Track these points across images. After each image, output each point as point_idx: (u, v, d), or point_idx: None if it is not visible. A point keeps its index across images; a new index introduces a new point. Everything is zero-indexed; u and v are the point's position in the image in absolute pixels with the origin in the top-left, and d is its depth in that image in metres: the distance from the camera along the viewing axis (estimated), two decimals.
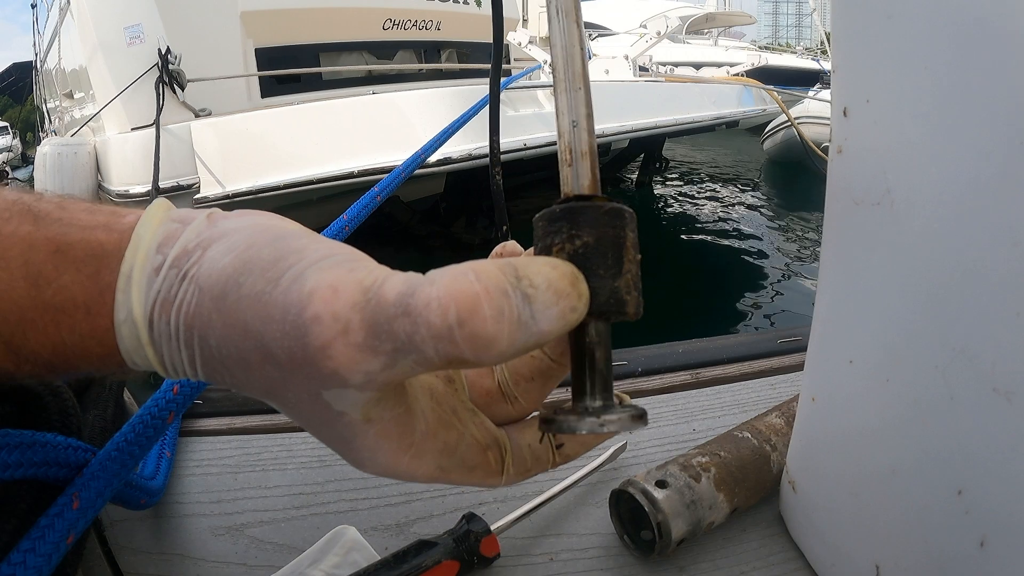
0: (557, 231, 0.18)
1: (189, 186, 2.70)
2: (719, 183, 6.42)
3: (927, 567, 0.29)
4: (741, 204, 5.55)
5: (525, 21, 4.77)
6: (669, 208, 5.34)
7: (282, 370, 0.16)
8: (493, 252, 0.24)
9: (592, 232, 0.18)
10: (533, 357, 0.24)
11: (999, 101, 0.23)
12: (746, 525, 0.41)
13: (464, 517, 0.38)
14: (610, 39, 7.97)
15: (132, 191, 2.81)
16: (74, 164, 3.04)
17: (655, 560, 0.38)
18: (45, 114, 6.31)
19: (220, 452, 0.47)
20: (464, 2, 4.27)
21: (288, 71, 3.56)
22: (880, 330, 0.30)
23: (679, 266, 3.93)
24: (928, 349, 0.27)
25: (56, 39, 4.51)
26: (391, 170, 0.92)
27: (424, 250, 3.48)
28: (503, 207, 0.80)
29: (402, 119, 2.51)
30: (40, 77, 6.41)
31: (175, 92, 2.92)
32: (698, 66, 10.13)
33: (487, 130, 0.79)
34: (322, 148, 2.53)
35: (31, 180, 4.36)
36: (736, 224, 4.83)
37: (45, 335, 0.18)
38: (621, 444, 0.46)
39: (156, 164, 2.60)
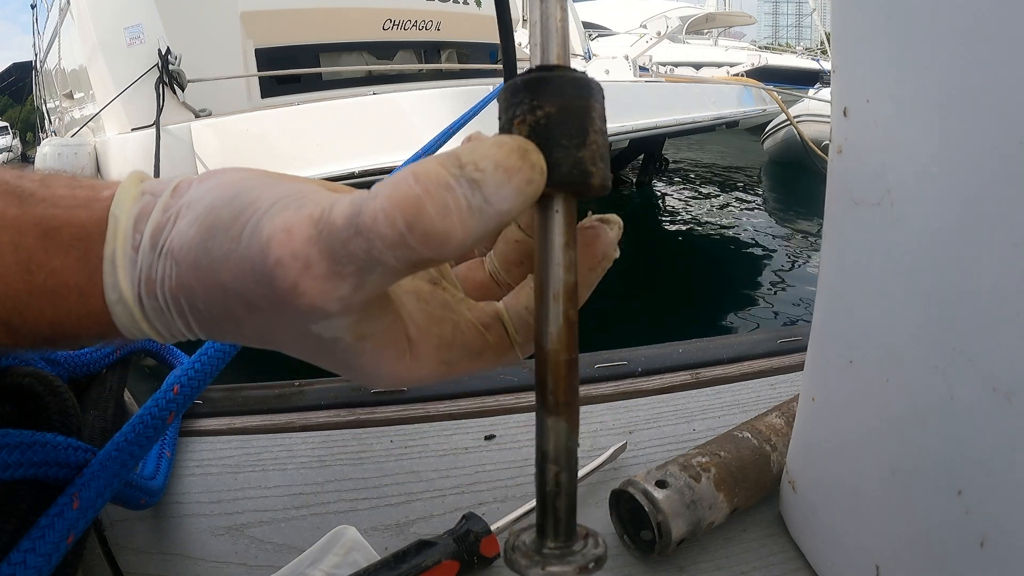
0: (519, 103, 0.17)
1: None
2: (719, 183, 6.42)
3: (927, 567, 0.29)
4: (741, 204, 5.55)
5: (525, 21, 4.77)
6: (669, 208, 5.34)
7: (268, 316, 0.17)
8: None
9: (555, 102, 0.17)
10: (518, 241, 0.24)
11: (999, 101, 0.23)
12: (746, 525, 0.41)
13: (464, 517, 0.38)
14: (610, 39, 7.97)
15: None
16: (74, 164, 3.04)
17: (655, 560, 0.38)
18: (45, 114, 6.32)
19: (220, 452, 0.47)
20: (464, 2, 4.27)
21: (288, 71, 3.56)
22: (880, 330, 0.30)
23: (679, 266, 3.93)
24: (928, 349, 0.27)
25: (56, 39, 4.51)
26: (391, 171, 0.91)
27: None
28: None
29: (402, 119, 2.51)
30: (40, 77, 6.42)
31: (175, 92, 2.92)
32: (698, 66, 10.13)
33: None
34: (322, 148, 2.53)
35: None
36: (736, 224, 4.83)
37: (42, 316, 0.19)
38: (621, 444, 0.46)
39: (156, 164, 2.60)
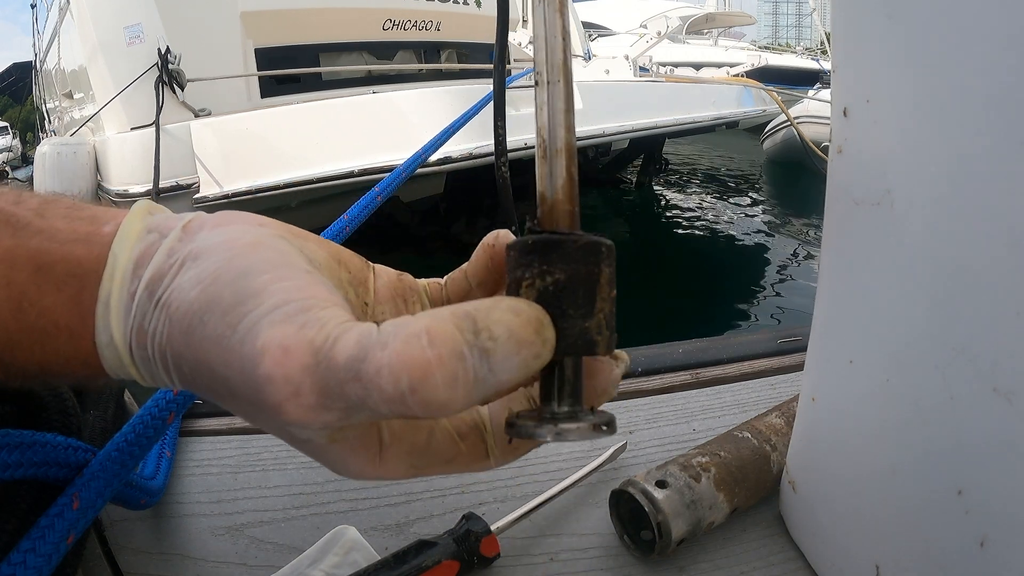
0: (528, 264, 0.17)
1: (188, 186, 2.70)
2: (719, 183, 6.42)
3: (927, 567, 0.29)
4: (741, 204, 5.55)
5: (525, 22, 4.77)
6: (669, 208, 5.34)
7: (249, 409, 0.17)
8: (482, 242, 0.23)
9: (564, 269, 0.17)
10: None
11: (999, 101, 0.23)
12: (746, 525, 0.41)
13: (464, 517, 0.38)
14: (610, 39, 7.97)
15: (131, 191, 2.81)
16: (73, 164, 3.04)
17: (655, 560, 0.38)
18: (45, 114, 6.31)
19: (220, 452, 0.47)
20: (464, 2, 4.27)
21: (288, 71, 3.56)
22: (880, 330, 0.30)
23: (679, 266, 3.93)
24: (928, 349, 0.27)
25: (56, 39, 4.51)
26: (391, 169, 0.92)
27: (424, 252, 3.47)
28: (511, 205, 0.75)
29: (402, 119, 2.51)
30: (40, 77, 6.41)
31: (175, 92, 2.92)
32: (698, 66, 10.13)
33: (488, 129, 0.77)
34: (322, 148, 2.53)
35: (31, 180, 4.35)
36: (736, 224, 4.83)
37: (31, 354, 0.19)
38: (621, 444, 0.46)
39: (156, 164, 2.60)
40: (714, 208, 5.35)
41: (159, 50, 2.91)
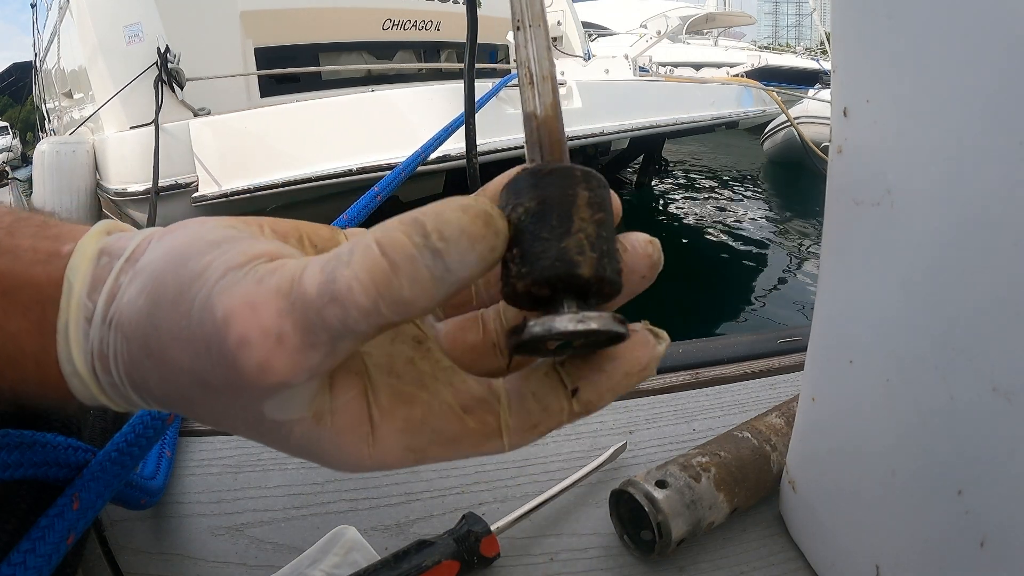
0: (506, 201, 0.17)
1: (187, 185, 2.70)
2: (719, 183, 6.42)
3: (927, 567, 0.29)
4: (741, 204, 5.55)
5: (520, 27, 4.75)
6: (669, 208, 5.34)
7: (224, 397, 0.16)
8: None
9: (534, 196, 0.17)
10: None
11: (999, 101, 0.23)
12: (746, 525, 0.41)
13: (464, 517, 0.38)
14: (610, 39, 7.97)
15: (130, 189, 2.81)
16: (72, 163, 3.04)
17: (655, 560, 0.38)
18: (45, 114, 6.31)
19: (220, 452, 0.47)
20: (462, 2, 4.26)
21: (287, 71, 3.56)
22: (880, 330, 0.30)
23: (679, 266, 3.93)
24: (928, 349, 0.27)
25: (55, 39, 4.51)
26: (390, 168, 0.91)
27: None
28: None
29: (401, 117, 2.51)
30: (39, 77, 6.41)
31: (174, 91, 2.92)
32: (698, 66, 10.12)
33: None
34: (321, 146, 2.53)
35: (31, 180, 4.35)
36: (736, 224, 4.83)
37: (3, 378, 0.18)
38: (621, 444, 0.46)
39: (155, 163, 2.60)
40: (714, 208, 5.35)
41: (158, 49, 2.91)
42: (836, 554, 0.36)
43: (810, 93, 6.36)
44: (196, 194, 2.67)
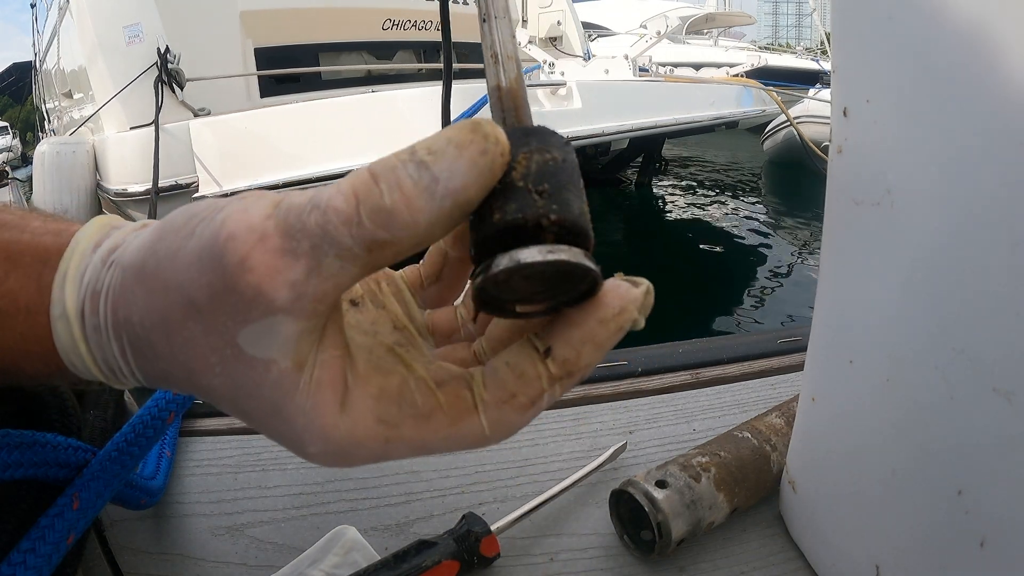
0: (526, 143, 0.17)
1: (187, 185, 2.70)
2: (719, 183, 6.42)
3: (927, 567, 0.29)
4: (741, 204, 5.55)
5: (524, 22, 4.77)
6: (669, 208, 5.34)
7: (203, 317, 0.16)
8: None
9: (561, 152, 0.17)
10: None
11: (999, 101, 0.23)
12: (746, 525, 0.41)
13: (464, 517, 0.38)
14: (610, 39, 7.97)
15: (131, 190, 2.81)
16: (72, 163, 3.04)
17: (655, 560, 0.38)
18: (44, 114, 6.31)
19: (220, 452, 0.47)
20: (464, 2, 4.27)
21: (287, 71, 3.56)
22: (880, 330, 0.30)
23: (679, 266, 3.93)
24: (928, 349, 0.27)
25: (55, 39, 4.51)
26: None
27: (422, 251, 3.48)
28: None
29: (401, 118, 2.51)
30: (39, 77, 6.41)
31: (174, 91, 2.92)
32: (698, 66, 10.12)
33: None
34: (321, 147, 2.53)
35: (31, 180, 4.36)
36: (736, 224, 4.83)
37: None
38: (621, 444, 0.46)
39: (155, 163, 2.60)
40: (714, 208, 5.36)
41: (158, 49, 2.91)
42: (836, 554, 0.36)
43: (810, 93, 6.36)
44: (196, 194, 2.68)
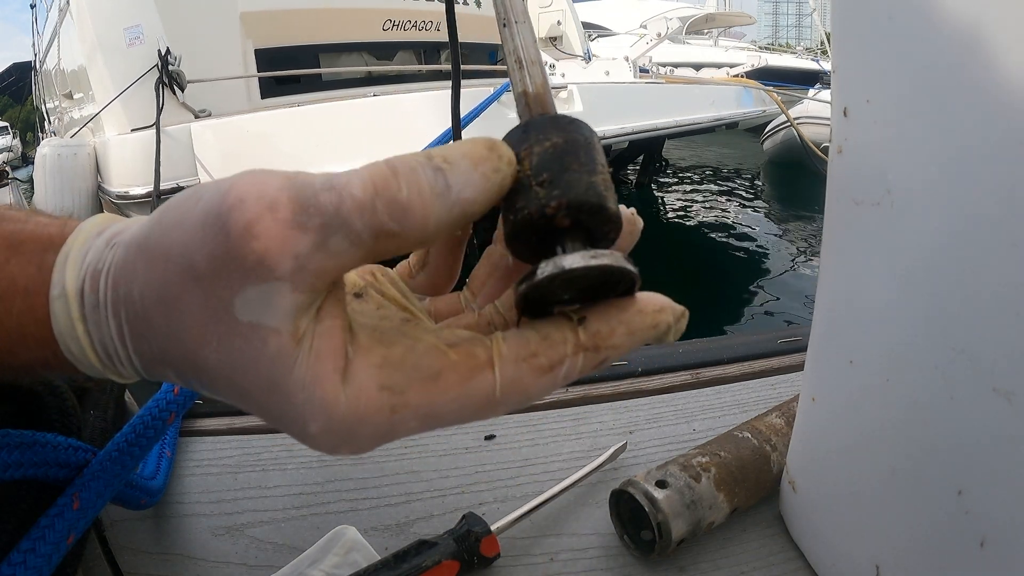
0: (525, 139, 0.18)
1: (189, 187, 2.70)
2: (719, 183, 6.42)
3: (927, 567, 0.29)
4: (741, 204, 5.55)
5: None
6: (669, 208, 5.34)
7: (201, 285, 0.16)
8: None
9: (562, 135, 0.17)
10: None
11: (999, 101, 0.23)
12: (746, 525, 0.41)
13: (464, 517, 0.38)
14: (610, 39, 7.97)
15: (132, 192, 2.81)
16: (74, 165, 3.04)
17: (655, 560, 0.38)
18: (45, 114, 6.31)
19: (220, 452, 0.47)
20: (464, 2, 4.27)
21: (288, 72, 3.56)
22: (880, 330, 0.30)
23: (679, 266, 3.93)
24: (928, 349, 0.27)
25: (55, 39, 4.51)
26: None
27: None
28: None
29: (403, 121, 2.51)
30: (40, 77, 6.41)
31: (175, 93, 2.92)
32: (698, 67, 10.12)
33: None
34: (323, 150, 2.53)
35: (31, 180, 4.36)
36: (736, 224, 4.83)
37: None
38: (621, 444, 0.46)
39: (157, 166, 2.60)
40: (714, 208, 5.36)
41: (159, 51, 2.91)
42: (836, 554, 0.36)
43: (810, 93, 6.36)
44: (168, 200, 2.67)
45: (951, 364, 0.26)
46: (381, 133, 2.49)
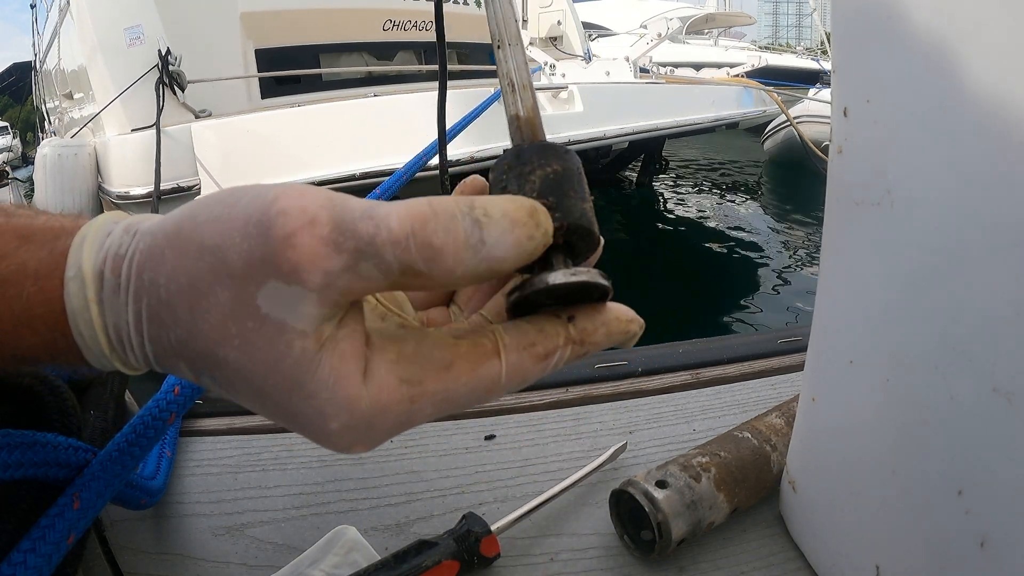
0: (526, 163, 0.19)
1: (189, 188, 2.70)
2: (719, 183, 6.42)
3: (927, 567, 0.29)
4: (741, 204, 5.55)
5: (525, 22, 4.77)
6: (669, 208, 5.34)
7: (232, 284, 0.16)
8: (456, 188, 0.24)
9: (560, 163, 0.19)
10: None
11: (999, 101, 0.23)
12: (746, 525, 0.41)
13: (464, 517, 0.38)
14: (610, 39, 7.97)
15: (132, 192, 2.81)
16: (74, 165, 3.04)
17: (655, 560, 0.38)
18: (45, 114, 6.32)
19: (220, 452, 0.47)
20: (464, 2, 4.27)
21: (288, 72, 3.56)
22: (880, 330, 0.30)
23: (679, 266, 3.93)
24: (928, 349, 0.27)
25: (56, 39, 4.51)
26: (391, 173, 0.92)
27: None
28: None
29: (403, 121, 2.51)
30: (40, 77, 6.42)
31: (175, 93, 2.92)
32: (698, 67, 10.12)
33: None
34: (323, 150, 2.53)
35: (31, 180, 4.36)
36: (736, 224, 4.83)
37: None
38: (621, 444, 0.46)
39: (157, 166, 2.60)
40: (714, 208, 5.36)
41: (159, 51, 2.91)
42: (836, 554, 0.36)
43: (810, 93, 6.36)
44: (198, 197, 2.67)
45: (951, 364, 0.26)
46: (381, 133, 2.49)
